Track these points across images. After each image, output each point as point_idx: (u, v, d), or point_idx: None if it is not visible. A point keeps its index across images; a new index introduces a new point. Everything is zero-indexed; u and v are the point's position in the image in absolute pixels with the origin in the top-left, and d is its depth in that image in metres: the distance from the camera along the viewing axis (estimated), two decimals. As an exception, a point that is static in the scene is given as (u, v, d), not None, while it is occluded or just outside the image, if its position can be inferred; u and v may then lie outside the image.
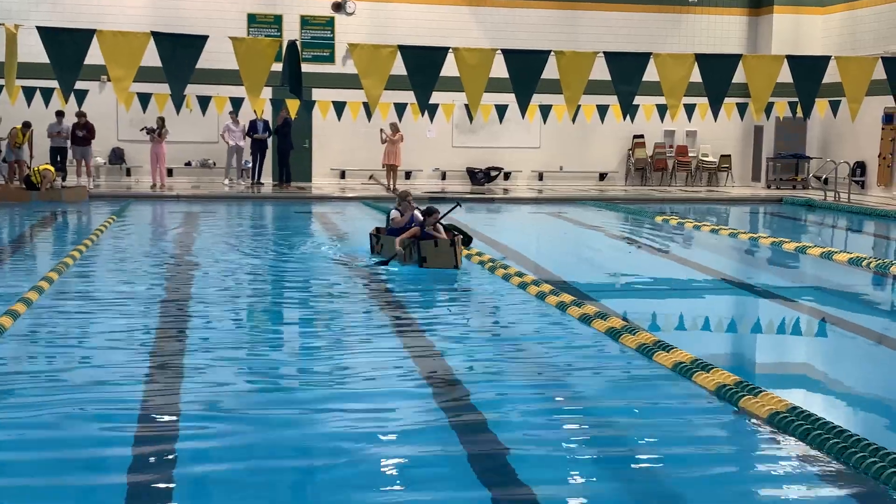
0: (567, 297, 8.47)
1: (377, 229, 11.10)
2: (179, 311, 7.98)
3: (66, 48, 6.77)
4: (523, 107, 7.17)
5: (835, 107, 18.92)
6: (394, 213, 10.67)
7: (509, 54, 8.16)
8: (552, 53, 8.19)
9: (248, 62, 7.18)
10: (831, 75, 9.97)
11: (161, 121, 21.01)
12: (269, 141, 22.46)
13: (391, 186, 21.87)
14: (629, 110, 8.17)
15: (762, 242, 13.75)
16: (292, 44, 7.59)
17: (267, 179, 22.70)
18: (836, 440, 4.73)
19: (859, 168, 22.92)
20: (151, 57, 8.20)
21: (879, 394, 6.21)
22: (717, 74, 7.80)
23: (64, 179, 20.86)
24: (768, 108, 19.80)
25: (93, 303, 8.38)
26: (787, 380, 6.22)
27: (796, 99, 19.20)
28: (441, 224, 10.33)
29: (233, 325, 7.58)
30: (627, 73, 7.48)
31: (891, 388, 6.35)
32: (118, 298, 8.53)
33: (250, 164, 22.65)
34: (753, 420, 5.23)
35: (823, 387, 6.32)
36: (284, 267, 10.75)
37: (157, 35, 7.20)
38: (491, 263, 10.30)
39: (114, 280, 9.57)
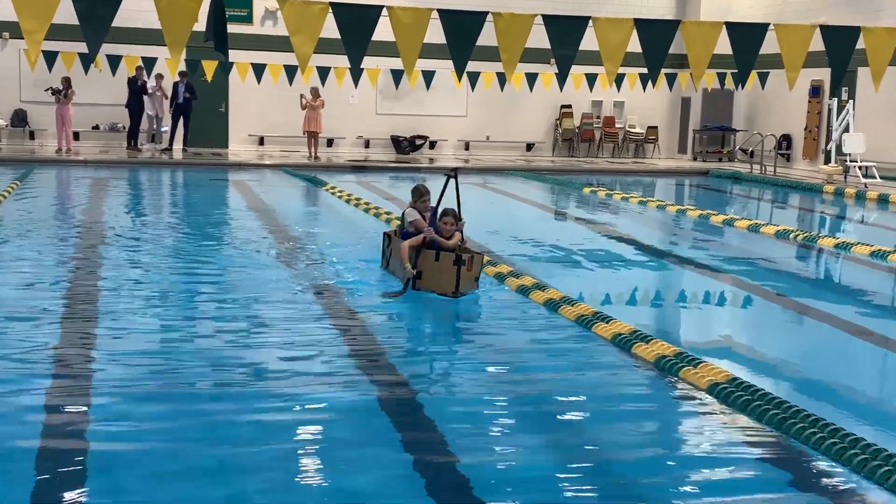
0: (504, 268, 8.58)
1: (387, 234, 8.73)
2: (88, 294, 7.84)
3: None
4: (460, 70, 7.12)
5: (763, 78, 19.39)
6: (410, 214, 8.21)
7: (446, 14, 8.13)
8: (489, 15, 8.20)
9: (170, 18, 7.02)
10: (763, 46, 10.20)
11: (67, 81, 20.45)
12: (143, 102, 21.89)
13: (312, 154, 21.72)
14: (565, 78, 8.19)
15: (689, 214, 14.07)
16: (217, -1, 7.45)
17: (178, 145, 22.28)
18: (759, 404, 4.93)
19: (785, 141, 23.56)
20: (58, 13, 7.94)
21: (801, 362, 6.46)
22: (655, 40, 7.87)
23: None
24: (697, 80, 20.19)
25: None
26: (713, 351, 6.42)
27: (725, 70, 19.44)
28: (461, 232, 8.06)
29: (146, 306, 7.40)
30: (566, 38, 7.50)
31: (813, 357, 6.62)
32: (20, 271, 8.33)
33: (166, 129, 22.25)
34: (684, 386, 5.41)
35: (747, 357, 6.54)
36: (199, 242, 10.62)
37: (72, -14, 6.99)
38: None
39: (15, 250, 9.31)
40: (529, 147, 25.36)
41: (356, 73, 17.11)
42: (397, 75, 19.25)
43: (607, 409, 5.09)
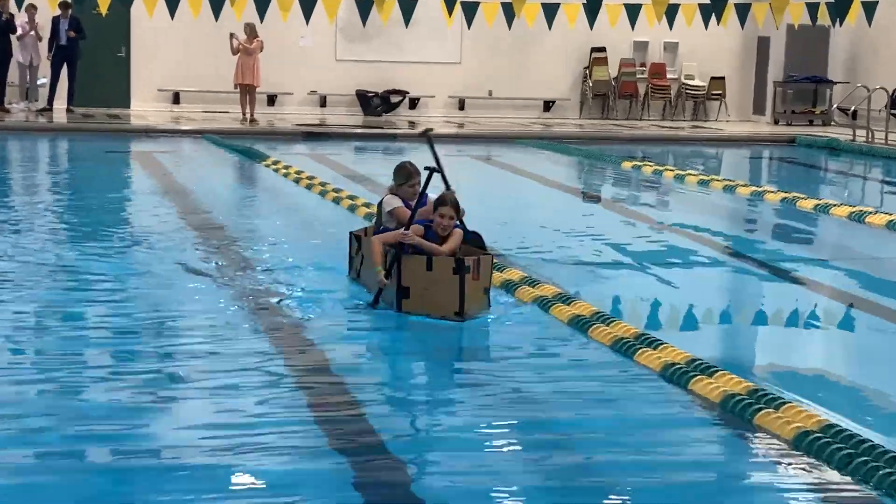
0: (515, 274, 8.56)
1: (355, 235, 8.50)
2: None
3: None
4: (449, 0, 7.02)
5: (870, 10, 19.32)
6: (390, 201, 8.11)
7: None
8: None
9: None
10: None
11: None
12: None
13: (247, 115, 21.68)
14: (597, 10, 8.13)
15: (768, 199, 14.09)
16: None
17: (61, 104, 22.26)
18: (866, 460, 4.92)
19: (900, 98, 23.64)
20: None
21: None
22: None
23: None
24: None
25: None
26: (800, 387, 6.41)
27: (817, -1, 19.37)
28: (463, 226, 7.85)
29: (5, 337, 7.28)
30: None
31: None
32: None
33: (44, 81, 22.19)
34: (761, 435, 5.40)
35: (849, 396, 6.51)
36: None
37: None
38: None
39: None
40: (548, 106, 25.36)
41: (308, 4, 17.07)
42: (365, 7, 19.20)
43: (661, 477, 5.00)
